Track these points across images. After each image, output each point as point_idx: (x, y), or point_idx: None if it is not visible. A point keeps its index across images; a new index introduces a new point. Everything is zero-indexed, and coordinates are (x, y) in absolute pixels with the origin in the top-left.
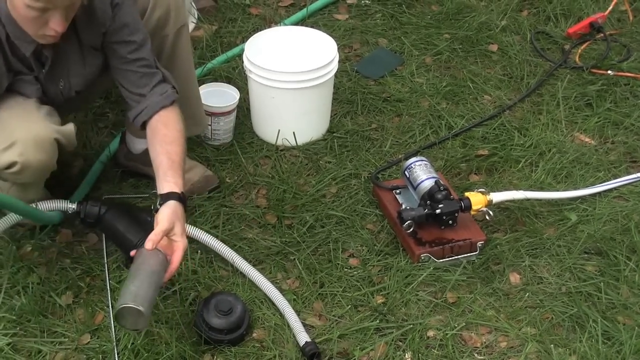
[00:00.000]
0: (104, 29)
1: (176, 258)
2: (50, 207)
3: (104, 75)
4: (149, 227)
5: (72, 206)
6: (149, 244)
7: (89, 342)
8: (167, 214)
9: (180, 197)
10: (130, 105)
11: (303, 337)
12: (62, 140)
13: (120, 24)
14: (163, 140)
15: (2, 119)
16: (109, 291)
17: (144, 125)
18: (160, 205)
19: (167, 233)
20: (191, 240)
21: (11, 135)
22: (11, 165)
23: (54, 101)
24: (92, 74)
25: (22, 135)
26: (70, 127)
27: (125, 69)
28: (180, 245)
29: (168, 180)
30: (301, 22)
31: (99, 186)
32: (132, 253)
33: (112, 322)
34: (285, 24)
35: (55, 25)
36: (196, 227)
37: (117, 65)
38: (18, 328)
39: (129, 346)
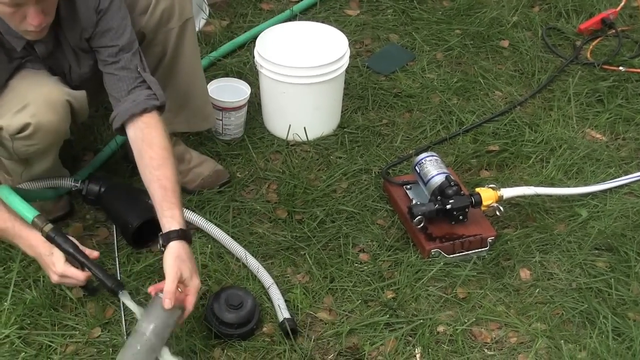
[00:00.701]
0: (87, 35)
1: (189, 302)
2: (55, 184)
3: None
4: (146, 207)
5: (75, 183)
6: (167, 302)
7: (99, 335)
8: (170, 263)
9: (179, 234)
10: (113, 107)
11: (284, 314)
12: (73, 103)
13: (104, 29)
14: (150, 165)
15: (15, 86)
16: None
17: (121, 131)
18: (164, 247)
19: (178, 281)
20: (202, 234)
21: (24, 98)
22: (24, 128)
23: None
24: (87, 74)
25: (34, 97)
26: (82, 92)
27: (105, 71)
28: (192, 289)
29: (165, 215)
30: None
31: (109, 179)
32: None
33: (122, 316)
34: (294, 11)
35: (32, 20)
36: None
37: (100, 68)
38: (29, 321)
39: None
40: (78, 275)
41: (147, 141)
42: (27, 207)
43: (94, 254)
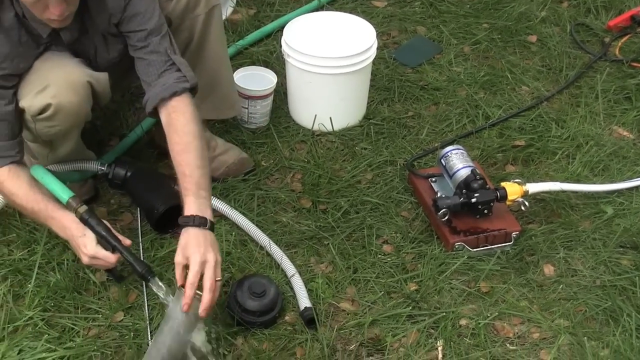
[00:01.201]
0: (115, 20)
1: (205, 279)
2: (81, 167)
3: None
4: (171, 192)
5: (101, 167)
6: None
7: (122, 319)
8: (178, 251)
9: (186, 221)
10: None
11: (304, 303)
12: (95, 84)
13: (132, 13)
14: (174, 150)
15: (37, 67)
16: None
17: (154, 115)
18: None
19: (181, 266)
20: (226, 221)
21: (45, 79)
22: (45, 108)
23: None
24: (115, 59)
25: (55, 78)
26: (104, 74)
27: (136, 56)
28: (191, 265)
29: (185, 202)
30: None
31: (136, 163)
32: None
33: (145, 301)
34: (321, 2)
35: (54, 9)
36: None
37: (131, 53)
38: (52, 304)
39: None
40: (109, 257)
41: (173, 126)
42: (62, 187)
43: (126, 241)
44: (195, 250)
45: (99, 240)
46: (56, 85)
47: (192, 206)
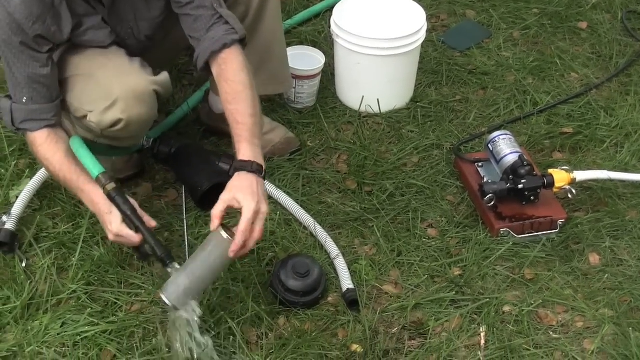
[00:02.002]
0: None
1: (241, 222)
2: None
3: (176, 23)
4: (216, 170)
5: (147, 142)
6: (211, 225)
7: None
8: (228, 190)
9: (237, 165)
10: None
11: (346, 284)
12: (160, 90)
13: None
14: (226, 100)
15: (98, 77)
16: (187, 247)
17: (206, 71)
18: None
19: (225, 205)
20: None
21: (111, 93)
22: (116, 122)
23: (130, 48)
24: (158, 18)
25: (121, 92)
26: (165, 76)
27: (182, 13)
28: (244, 210)
29: (238, 147)
30: None
31: (181, 139)
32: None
33: None
34: None
35: None
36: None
37: (175, 10)
38: (96, 278)
39: (205, 303)
40: (132, 237)
41: (224, 77)
42: (95, 162)
43: (151, 222)
44: (250, 197)
45: (124, 218)
46: (124, 99)
47: (247, 152)
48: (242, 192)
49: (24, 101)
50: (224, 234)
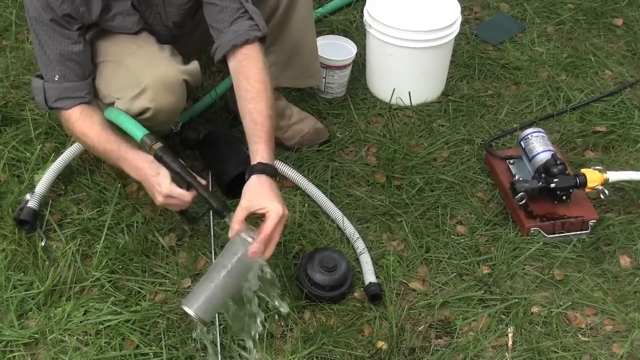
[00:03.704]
0: None
1: (265, 227)
2: None
3: (201, 18)
4: (244, 157)
5: (175, 127)
6: (231, 231)
7: (189, 286)
8: (247, 196)
9: (255, 168)
10: (214, 40)
11: (369, 278)
12: (189, 80)
13: None
14: (244, 98)
15: (128, 65)
16: (212, 237)
17: (223, 64)
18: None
19: (247, 212)
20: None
21: (140, 81)
22: (144, 111)
23: (159, 35)
24: (185, 5)
25: (151, 81)
26: (195, 65)
27: (207, 1)
28: (270, 213)
29: (252, 150)
30: None
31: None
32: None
33: None
34: None
35: None
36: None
37: None
38: (120, 266)
39: None
40: (184, 195)
41: (244, 73)
42: (137, 125)
43: (202, 180)
44: (276, 201)
45: (173, 178)
46: (153, 88)
47: (265, 154)
48: (264, 196)
49: (56, 79)
50: (249, 238)
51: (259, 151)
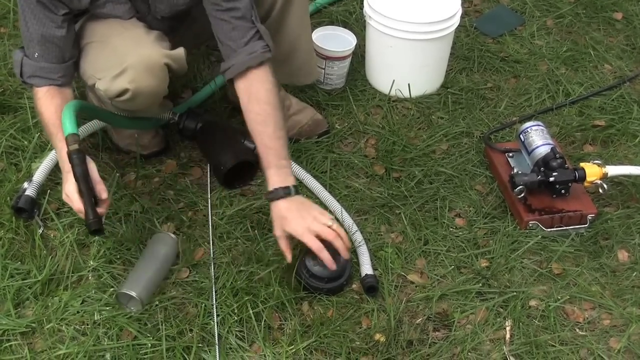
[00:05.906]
0: None
1: (310, 247)
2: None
3: (200, 19)
4: (241, 148)
5: (173, 116)
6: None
7: (187, 276)
8: (276, 225)
9: (269, 198)
10: (223, 55)
11: (366, 269)
12: (172, 65)
13: None
14: (255, 121)
15: (113, 45)
16: (210, 227)
17: (230, 80)
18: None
19: (285, 240)
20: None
21: (123, 61)
22: (123, 92)
23: (151, 26)
24: (180, 6)
25: (132, 61)
26: (180, 51)
27: (218, 17)
28: (298, 237)
29: (267, 175)
30: None
31: (208, 116)
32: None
33: (212, 259)
34: None
35: None
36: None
37: (211, 12)
38: (118, 256)
39: (228, 285)
40: (75, 202)
41: (255, 96)
42: (73, 123)
43: (103, 194)
44: (290, 225)
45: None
46: (134, 68)
47: (274, 178)
48: (286, 223)
49: (35, 56)
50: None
51: (269, 176)
